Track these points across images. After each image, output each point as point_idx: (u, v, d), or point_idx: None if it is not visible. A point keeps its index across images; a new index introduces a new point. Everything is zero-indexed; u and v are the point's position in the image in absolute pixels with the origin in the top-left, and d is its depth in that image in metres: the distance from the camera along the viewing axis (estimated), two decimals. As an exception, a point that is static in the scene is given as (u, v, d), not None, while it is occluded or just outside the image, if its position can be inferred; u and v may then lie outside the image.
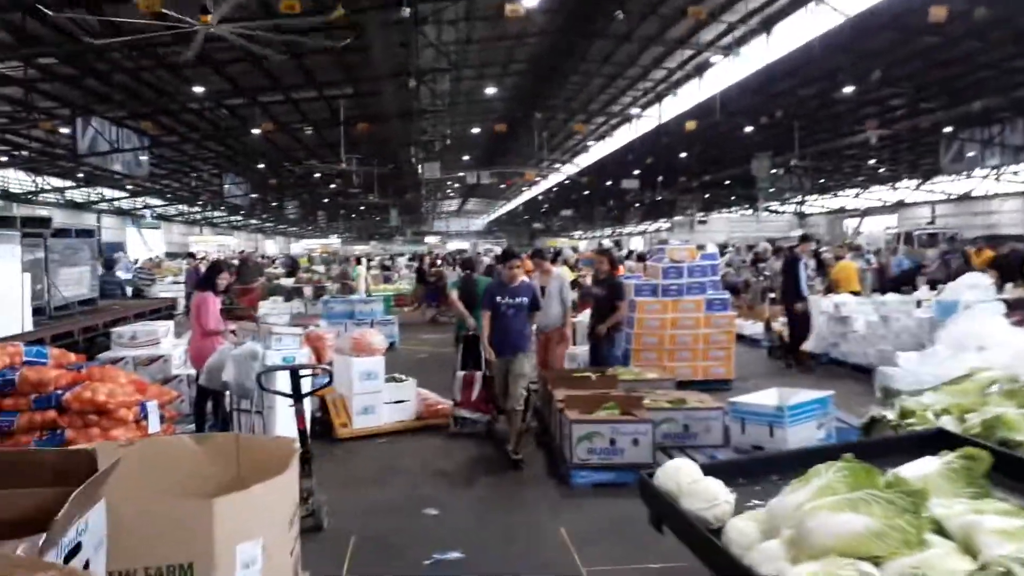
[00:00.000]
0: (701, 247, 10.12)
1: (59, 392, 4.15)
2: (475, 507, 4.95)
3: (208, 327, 5.89)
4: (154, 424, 4.52)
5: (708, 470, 2.76)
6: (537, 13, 18.04)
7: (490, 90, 25.05)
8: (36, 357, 4.36)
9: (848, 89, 20.91)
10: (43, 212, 31.64)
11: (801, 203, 44.01)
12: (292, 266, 27.25)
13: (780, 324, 11.97)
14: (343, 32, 15.82)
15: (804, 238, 11.61)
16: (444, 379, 7.53)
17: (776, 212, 46.08)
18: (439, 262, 23.94)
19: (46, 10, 11.66)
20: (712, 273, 8.98)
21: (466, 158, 40.56)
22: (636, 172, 37.22)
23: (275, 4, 14.15)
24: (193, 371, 6.20)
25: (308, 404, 5.55)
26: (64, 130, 22.39)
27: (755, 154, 28.27)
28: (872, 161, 34.64)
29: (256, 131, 24.10)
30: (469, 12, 19.12)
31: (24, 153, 26.28)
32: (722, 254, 17.49)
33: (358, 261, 23.65)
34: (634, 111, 30.48)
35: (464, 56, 21.70)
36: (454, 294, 8.70)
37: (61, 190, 31.96)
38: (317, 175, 35.49)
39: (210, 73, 19.52)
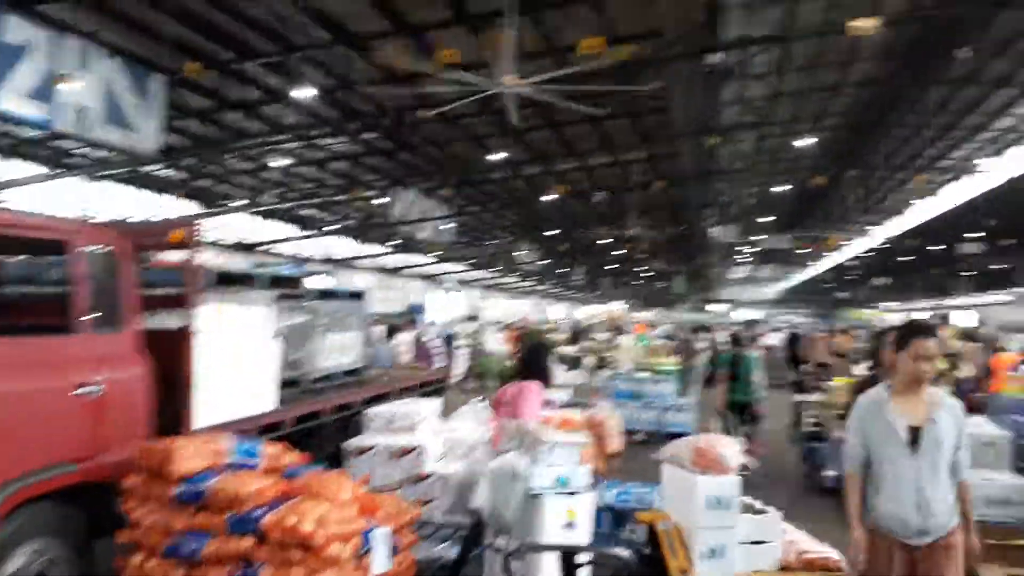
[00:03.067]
0: None
1: (260, 511, 3.06)
2: None
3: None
4: (381, 562, 3.23)
5: None
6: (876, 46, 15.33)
7: (801, 143, 22.36)
8: (244, 457, 3.36)
9: None
10: (362, 276, 35.22)
11: None
12: (576, 333, 26.50)
13: None
14: (646, 91, 14.88)
15: None
16: (784, 496, 5.45)
17: None
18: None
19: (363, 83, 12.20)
20: None
21: (764, 220, 37.48)
22: (972, 236, 31.08)
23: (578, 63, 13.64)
24: (451, 470, 4.97)
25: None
26: (379, 200, 24.50)
27: None
28: None
29: (548, 197, 24.16)
30: (782, 64, 16.99)
31: (349, 223, 29.35)
32: None
33: (619, 331, 21.91)
34: (977, 164, 25.27)
35: (769, 113, 19.55)
36: (722, 372, 9.09)
37: (376, 256, 35.34)
38: (605, 240, 35.15)
39: (511, 143, 19.85)
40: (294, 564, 2.94)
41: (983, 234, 30.87)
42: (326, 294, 5.91)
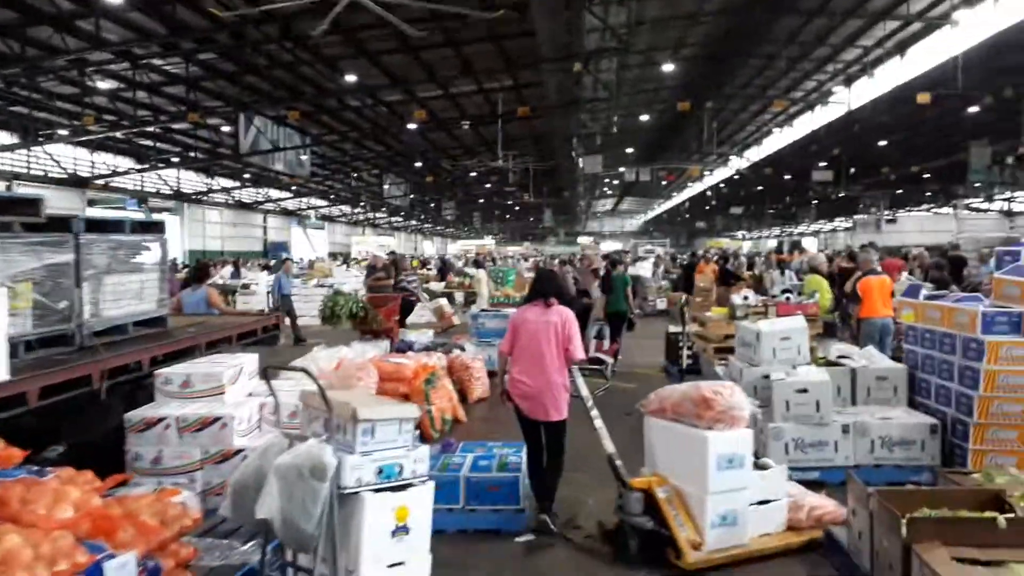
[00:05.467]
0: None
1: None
2: None
3: (577, 357, 4.51)
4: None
5: None
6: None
7: (667, 67, 22.18)
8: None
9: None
10: (212, 211, 32.43)
11: (1010, 200, 37.37)
12: (443, 268, 25.63)
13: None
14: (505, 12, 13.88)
15: None
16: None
17: (978, 210, 39.38)
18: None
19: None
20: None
21: (629, 151, 37.81)
22: (822, 165, 32.83)
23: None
24: (258, 444, 3.87)
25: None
26: (226, 128, 22.18)
27: (971, 143, 23.46)
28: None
29: (412, 125, 22.77)
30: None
31: (193, 154, 26.65)
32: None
33: (477, 264, 21.28)
34: (832, 91, 26.22)
35: (632, 40, 19.14)
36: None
37: (229, 190, 32.65)
38: (473, 174, 34.22)
39: (368, 66, 18.27)
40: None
41: (826, 164, 32.59)
42: (100, 225, 4.56)
